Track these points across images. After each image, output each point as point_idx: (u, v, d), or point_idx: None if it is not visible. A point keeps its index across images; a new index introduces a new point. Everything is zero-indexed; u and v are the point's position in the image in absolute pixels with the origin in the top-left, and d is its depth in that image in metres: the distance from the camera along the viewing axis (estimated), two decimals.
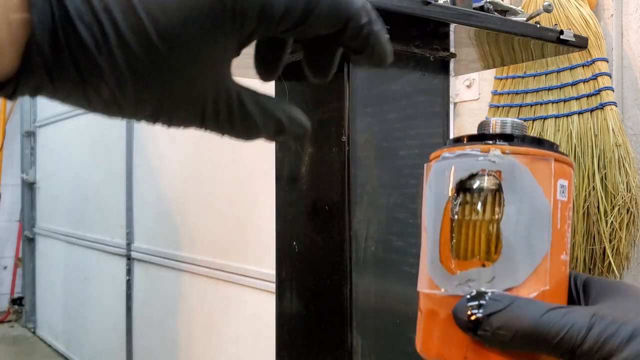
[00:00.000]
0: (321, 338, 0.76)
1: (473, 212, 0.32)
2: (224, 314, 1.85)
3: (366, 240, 0.73)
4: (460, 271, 0.32)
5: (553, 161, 0.32)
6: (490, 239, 0.31)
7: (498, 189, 0.31)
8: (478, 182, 0.32)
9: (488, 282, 0.31)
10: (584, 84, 0.89)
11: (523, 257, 0.31)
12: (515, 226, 0.31)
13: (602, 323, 0.28)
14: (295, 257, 0.79)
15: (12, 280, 3.83)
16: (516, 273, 0.31)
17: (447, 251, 0.33)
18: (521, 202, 0.31)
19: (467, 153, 0.32)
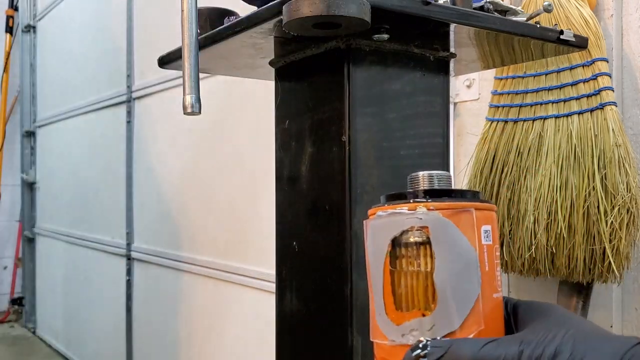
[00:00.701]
0: (321, 338, 0.76)
1: (409, 265, 0.35)
2: (224, 314, 1.85)
3: None
4: (403, 322, 0.35)
5: (474, 211, 0.35)
6: (426, 290, 0.34)
7: (428, 242, 0.34)
8: (409, 237, 0.35)
9: (429, 330, 0.34)
10: (584, 84, 0.89)
11: (457, 303, 0.34)
12: (447, 276, 0.34)
13: (529, 347, 0.31)
14: (295, 257, 0.79)
15: (12, 280, 3.83)
16: (452, 319, 0.34)
17: (391, 303, 0.36)
18: (449, 253, 0.34)
19: (397, 212, 0.36)
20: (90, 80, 2.85)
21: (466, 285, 0.34)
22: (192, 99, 0.70)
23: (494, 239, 0.36)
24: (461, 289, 0.34)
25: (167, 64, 0.90)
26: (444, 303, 0.34)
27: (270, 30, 0.69)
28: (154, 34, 2.29)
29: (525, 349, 0.31)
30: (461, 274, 0.34)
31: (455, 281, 0.34)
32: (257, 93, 1.68)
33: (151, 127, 2.32)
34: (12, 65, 3.76)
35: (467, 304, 0.34)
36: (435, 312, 0.34)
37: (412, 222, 0.35)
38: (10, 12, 3.72)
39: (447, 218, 0.34)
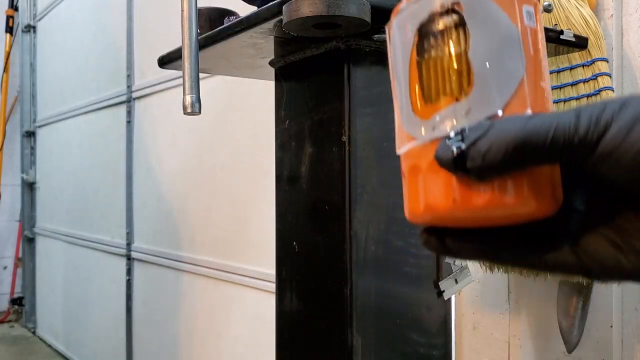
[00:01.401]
0: (321, 338, 0.76)
1: (439, 50, 0.30)
2: (224, 314, 1.85)
3: (366, 240, 0.73)
4: (434, 113, 0.29)
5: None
6: (460, 72, 0.29)
7: (461, 24, 0.30)
8: (439, 20, 0.30)
9: (465, 116, 0.29)
10: (584, 84, 0.89)
11: (498, 82, 0.29)
12: (485, 53, 0.29)
13: (588, 109, 0.26)
14: (295, 257, 0.79)
15: (12, 280, 3.83)
16: (493, 100, 0.28)
17: (420, 99, 0.31)
18: (487, 29, 0.29)
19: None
20: (90, 80, 2.85)
21: (508, 65, 0.29)
22: (192, 99, 0.71)
23: (538, 24, 0.31)
24: (502, 68, 0.29)
25: (167, 64, 0.90)
26: (482, 83, 0.28)
27: (270, 30, 0.69)
28: (154, 34, 2.29)
29: (584, 111, 0.26)
30: (502, 52, 0.29)
31: (495, 59, 0.29)
32: (257, 93, 1.68)
33: (151, 127, 2.32)
34: (12, 65, 3.76)
35: (511, 83, 0.29)
36: (472, 94, 0.28)
37: (439, 1, 0.30)
38: (10, 12, 3.72)
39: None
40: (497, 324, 1.05)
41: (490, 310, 1.06)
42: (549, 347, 0.99)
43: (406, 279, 0.78)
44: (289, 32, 0.65)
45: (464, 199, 0.28)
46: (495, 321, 1.05)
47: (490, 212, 0.28)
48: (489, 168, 0.27)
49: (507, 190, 0.28)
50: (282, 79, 0.82)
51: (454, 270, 0.78)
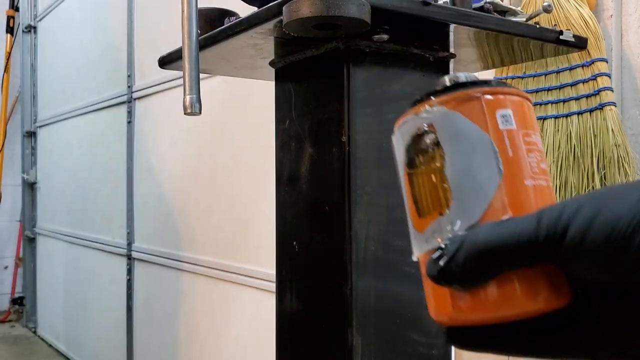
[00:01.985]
0: (321, 338, 0.76)
1: (421, 168, 0.33)
2: (224, 314, 1.85)
3: (366, 240, 0.73)
4: (426, 227, 0.32)
5: (482, 96, 0.32)
6: (440, 188, 0.32)
7: (437, 143, 0.32)
8: (419, 141, 0.33)
9: (449, 228, 0.31)
10: (584, 85, 0.90)
11: (474, 193, 0.31)
12: (458, 167, 0.31)
13: (548, 213, 0.27)
14: (295, 257, 0.80)
15: (12, 280, 3.84)
16: (471, 210, 0.31)
17: (414, 212, 0.33)
18: (459, 144, 0.31)
19: (407, 119, 0.34)
20: (91, 80, 2.86)
21: (483, 172, 0.31)
22: (193, 99, 0.71)
23: (520, 123, 0.32)
24: (477, 178, 0.31)
25: (168, 65, 0.91)
26: (459, 195, 0.31)
27: (271, 30, 0.70)
28: (154, 34, 2.30)
29: (544, 216, 0.27)
30: (474, 162, 0.31)
31: (468, 171, 0.31)
32: (257, 93, 1.68)
33: (152, 128, 2.32)
34: (12, 65, 3.76)
35: (487, 192, 0.31)
36: (452, 207, 0.31)
37: (418, 123, 0.33)
38: (11, 12, 3.73)
39: (452, 109, 0.32)
40: None
41: None
42: None
43: (406, 278, 0.78)
44: (289, 33, 0.65)
45: (462, 307, 0.30)
46: None
47: (491, 314, 0.30)
48: (470, 278, 0.29)
49: (500, 294, 0.30)
50: (282, 80, 0.83)
51: None
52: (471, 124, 0.32)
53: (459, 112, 0.32)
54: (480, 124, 0.32)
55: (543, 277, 0.30)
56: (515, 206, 0.31)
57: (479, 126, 0.32)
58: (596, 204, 0.26)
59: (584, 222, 0.26)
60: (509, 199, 0.31)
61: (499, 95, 0.33)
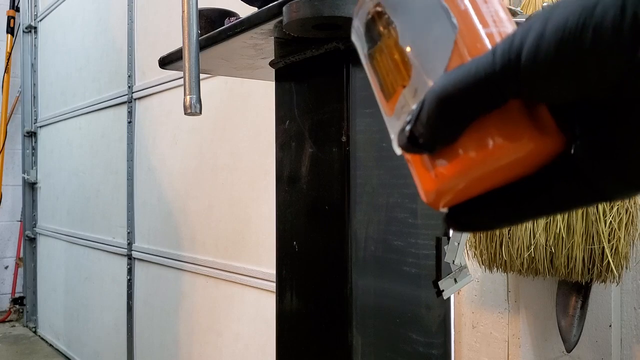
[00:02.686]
0: (321, 337, 0.76)
1: (380, 51, 0.31)
2: (224, 314, 1.85)
3: (366, 240, 0.73)
4: (394, 107, 0.31)
5: None
6: (398, 60, 0.30)
7: (388, 20, 0.31)
8: (373, 23, 0.32)
9: (413, 97, 0.29)
10: None
11: (432, 53, 0.29)
12: (411, 34, 0.30)
13: (503, 42, 0.26)
14: (295, 257, 0.80)
15: (13, 280, 3.84)
16: (433, 71, 0.29)
17: (382, 97, 0.32)
18: (407, 12, 0.30)
19: (359, 6, 0.33)
20: (92, 80, 2.86)
21: (436, 31, 0.29)
22: (193, 100, 0.71)
23: None
24: (432, 38, 0.29)
25: (168, 65, 0.91)
26: (417, 60, 0.29)
27: (271, 31, 0.70)
28: (155, 35, 2.30)
29: (499, 46, 0.25)
30: (426, 25, 0.30)
31: (421, 34, 0.29)
32: (258, 94, 1.69)
33: (152, 128, 2.33)
34: (13, 65, 3.77)
35: (444, 49, 0.29)
36: (412, 75, 0.29)
37: (367, 6, 0.32)
38: (11, 12, 3.73)
39: None
40: (496, 323, 1.06)
41: (490, 309, 1.06)
42: (548, 346, 0.99)
43: (405, 278, 0.79)
44: (289, 33, 0.65)
45: (444, 173, 0.28)
46: (494, 320, 1.06)
47: (478, 171, 0.27)
48: (439, 134, 0.27)
49: (478, 144, 0.27)
50: (282, 80, 0.83)
51: (453, 269, 0.79)
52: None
53: None
54: None
55: (523, 117, 0.27)
56: (475, 55, 0.28)
57: None
58: (544, 17, 0.25)
59: (535, 38, 0.24)
60: (469, 50, 0.29)
61: None
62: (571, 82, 0.24)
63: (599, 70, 0.23)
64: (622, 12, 0.22)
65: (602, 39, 0.23)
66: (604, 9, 0.23)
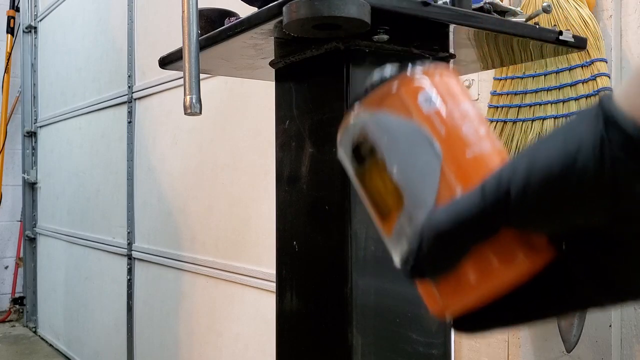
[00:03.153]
0: (321, 337, 0.76)
1: (369, 176, 0.33)
2: (224, 313, 1.85)
3: (366, 240, 0.73)
4: (391, 231, 0.32)
5: (397, 88, 0.32)
6: (390, 189, 0.32)
7: (374, 149, 0.32)
8: (359, 150, 0.33)
9: (409, 224, 0.31)
10: (583, 85, 0.90)
11: (421, 182, 0.31)
12: (398, 163, 0.31)
13: (489, 182, 0.28)
14: (295, 256, 0.80)
15: (13, 279, 3.84)
16: (424, 199, 0.30)
17: (379, 220, 0.33)
18: (391, 140, 0.32)
19: (342, 133, 0.34)
20: (92, 80, 2.86)
21: (422, 160, 0.31)
22: (193, 100, 0.71)
23: (445, 98, 0.32)
24: (418, 167, 0.31)
25: (168, 65, 0.91)
26: (408, 189, 0.31)
27: (271, 31, 0.70)
28: (155, 35, 2.30)
29: (486, 184, 0.28)
30: (411, 153, 0.31)
31: (408, 163, 0.31)
32: (258, 94, 1.69)
33: (152, 128, 2.33)
34: (13, 65, 3.76)
35: (432, 176, 0.31)
36: (405, 203, 0.31)
37: (350, 134, 0.33)
38: (11, 12, 3.73)
39: (374, 111, 0.32)
40: None
41: None
42: (548, 347, 0.99)
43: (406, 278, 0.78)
44: (289, 33, 0.65)
45: (449, 295, 0.30)
46: None
47: (478, 292, 0.30)
48: (441, 266, 0.29)
49: (477, 270, 0.29)
50: (282, 80, 0.83)
51: None
52: (396, 118, 0.32)
53: (382, 110, 0.32)
54: (404, 115, 0.32)
55: (514, 241, 0.29)
56: (464, 179, 0.30)
57: (404, 117, 0.32)
58: (529, 159, 0.27)
59: (522, 180, 0.26)
60: (456, 175, 0.30)
61: (414, 81, 0.32)
62: (557, 222, 0.27)
63: (584, 217, 0.26)
64: (601, 167, 0.24)
65: (584, 192, 0.25)
66: (585, 162, 0.25)
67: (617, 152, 0.24)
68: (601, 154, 0.24)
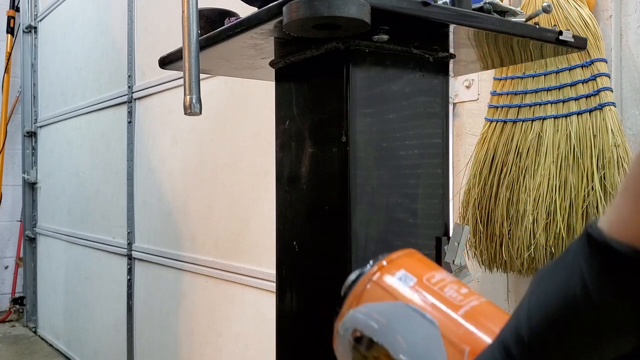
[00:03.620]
0: (321, 337, 0.76)
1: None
2: (224, 314, 1.85)
3: (366, 240, 0.73)
4: None
5: (373, 278, 0.34)
6: None
7: (370, 339, 0.34)
8: (358, 348, 0.35)
9: None
10: (583, 85, 0.90)
11: (427, 352, 0.32)
12: (400, 346, 0.33)
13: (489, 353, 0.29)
14: (295, 257, 0.80)
15: (13, 279, 3.84)
16: None
17: None
18: (386, 327, 0.33)
19: (337, 338, 0.36)
20: (92, 80, 2.86)
21: (420, 333, 0.33)
22: (193, 100, 0.71)
23: (419, 273, 0.35)
24: (420, 340, 0.33)
25: (168, 65, 0.91)
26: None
27: (271, 31, 0.70)
28: (155, 35, 2.30)
29: (503, 338, 0.29)
30: (408, 330, 0.33)
31: (409, 342, 0.33)
32: (258, 94, 1.69)
33: (152, 128, 2.33)
34: (13, 65, 3.76)
35: (437, 347, 0.32)
36: None
37: (345, 337, 0.35)
38: (11, 12, 3.73)
39: (359, 306, 0.35)
40: None
41: None
42: None
43: None
44: (289, 33, 0.65)
45: None
46: None
47: None
48: None
49: None
50: (282, 80, 0.83)
51: (453, 269, 0.79)
52: (382, 304, 0.34)
53: (365, 303, 0.34)
54: (388, 299, 0.34)
55: None
56: (467, 339, 0.32)
57: (389, 301, 0.34)
58: (529, 305, 0.28)
59: (531, 328, 0.27)
60: (458, 337, 0.32)
61: (386, 268, 0.35)
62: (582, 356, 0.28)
63: (604, 345, 0.26)
64: (587, 293, 0.26)
65: (587, 322, 0.26)
66: (574, 292, 0.27)
67: (600, 275, 0.25)
68: (585, 281, 0.26)
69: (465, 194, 0.97)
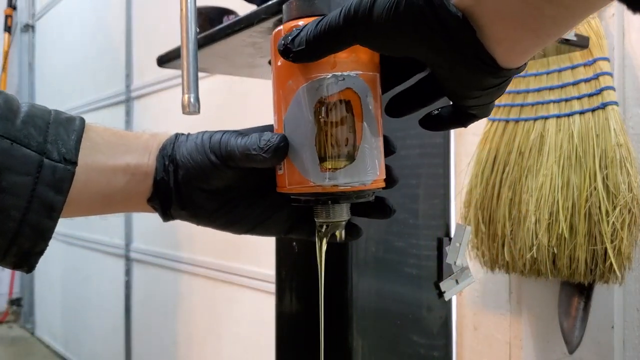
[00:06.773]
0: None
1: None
2: (223, 315, 1.84)
3: (367, 241, 0.72)
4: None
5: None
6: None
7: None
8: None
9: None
10: (586, 84, 0.89)
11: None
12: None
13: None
14: (295, 257, 0.79)
15: (10, 280, 3.83)
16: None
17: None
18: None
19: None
20: (89, 79, 2.85)
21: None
22: (191, 99, 0.70)
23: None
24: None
25: (166, 63, 0.90)
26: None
27: (270, 29, 0.69)
28: (153, 34, 2.29)
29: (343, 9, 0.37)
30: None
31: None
32: (257, 92, 1.68)
33: (150, 127, 2.31)
34: (10, 64, 3.75)
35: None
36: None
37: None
38: (8, 11, 3.72)
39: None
40: (498, 325, 1.05)
41: (491, 311, 1.06)
42: (550, 348, 0.99)
43: (406, 279, 0.78)
44: None
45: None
46: (496, 322, 1.05)
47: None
48: (309, 51, 0.38)
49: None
50: None
51: (454, 270, 0.78)
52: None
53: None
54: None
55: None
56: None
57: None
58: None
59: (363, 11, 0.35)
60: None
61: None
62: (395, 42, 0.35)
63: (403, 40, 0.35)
64: None
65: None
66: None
67: None
68: None
69: (466, 194, 0.96)
